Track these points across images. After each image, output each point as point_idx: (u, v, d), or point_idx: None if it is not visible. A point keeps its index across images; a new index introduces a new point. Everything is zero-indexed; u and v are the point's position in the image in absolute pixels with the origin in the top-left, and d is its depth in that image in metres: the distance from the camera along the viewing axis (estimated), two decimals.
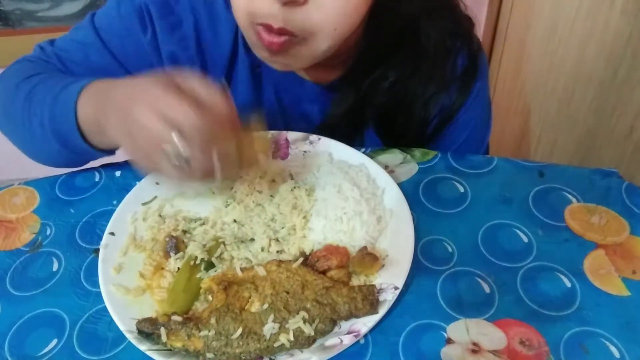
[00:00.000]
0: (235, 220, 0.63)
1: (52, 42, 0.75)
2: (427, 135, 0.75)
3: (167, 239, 0.62)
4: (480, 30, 1.47)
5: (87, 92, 0.61)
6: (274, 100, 0.77)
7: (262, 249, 0.61)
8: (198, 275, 0.58)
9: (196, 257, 0.59)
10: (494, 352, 0.52)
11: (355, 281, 0.57)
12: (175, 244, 0.61)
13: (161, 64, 0.73)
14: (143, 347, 0.52)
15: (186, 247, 0.61)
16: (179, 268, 0.59)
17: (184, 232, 0.63)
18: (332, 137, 0.73)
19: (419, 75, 0.71)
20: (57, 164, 0.70)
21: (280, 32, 0.57)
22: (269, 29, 0.57)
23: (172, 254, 0.60)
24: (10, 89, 0.68)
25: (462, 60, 0.72)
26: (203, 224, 0.64)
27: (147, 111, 0.50)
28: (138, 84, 0.53)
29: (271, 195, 0.65)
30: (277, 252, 0.60)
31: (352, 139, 0.74)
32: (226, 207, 0.65)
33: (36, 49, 0.75)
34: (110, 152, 0.66)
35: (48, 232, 0.67)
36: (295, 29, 0.57)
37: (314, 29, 0.57)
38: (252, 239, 0.62)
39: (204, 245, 0.61)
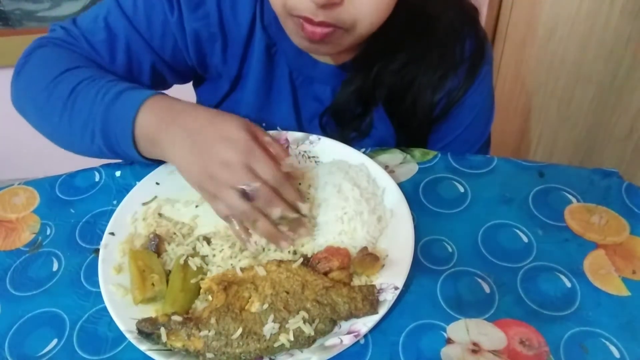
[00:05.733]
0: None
1: (73, 21, 0.74)
2: (435, 116, 0.76)
3: (151, 236, 0.62)
4: None
5: (150, 104, 0.62)
6: (286, 80, 0.78)
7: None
8: (192, 280, 0.58)
9: (182, 256, 0.59)
10: (494, 352, 0.52)
11: (357, 281, 0.57)
12: (157, 244, 0.61)
13: (184, 41, 0.73)
14: (143, 347, 0.52)
15: (166, 249, 0.61)
16: (169, 271, 0.59)
17: (174, 234, 0.63)
18: (341, 117, 0.76)
19: (428, 58, 0.73)
20: (89, 155, 0.70)
21: (321, 24, 0.59)
22: (309, 21, 0.59)
23: (152, 251, 0.61)
24: (46, 80, 0.68)
25: (469, 45, 0.74)
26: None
27: (232, 152, 0.57)
28: (217, 117, 0.60)
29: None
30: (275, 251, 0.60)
31: (360, 119, 0.77)
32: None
33: (57, 29, 0.74)
34: (154, 161, 0.66)
35: (48, 232, 0.67)
36: (336, 22, 0.59)
37: (353, 23, 0.60)
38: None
39: (188, 244, 0.61)
